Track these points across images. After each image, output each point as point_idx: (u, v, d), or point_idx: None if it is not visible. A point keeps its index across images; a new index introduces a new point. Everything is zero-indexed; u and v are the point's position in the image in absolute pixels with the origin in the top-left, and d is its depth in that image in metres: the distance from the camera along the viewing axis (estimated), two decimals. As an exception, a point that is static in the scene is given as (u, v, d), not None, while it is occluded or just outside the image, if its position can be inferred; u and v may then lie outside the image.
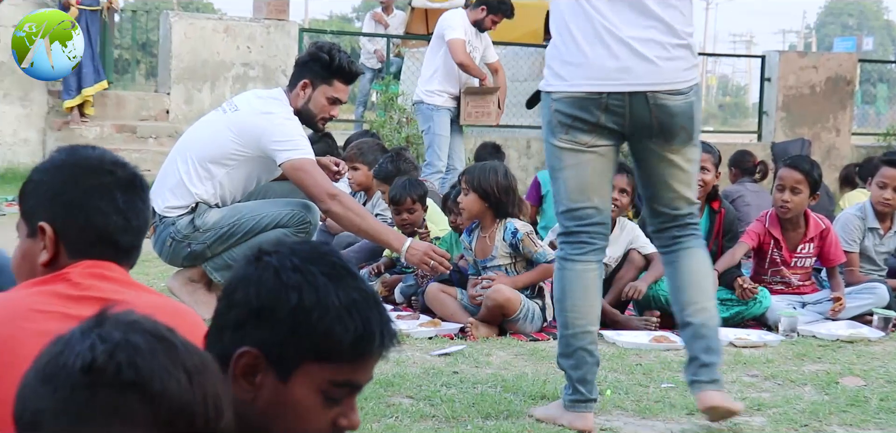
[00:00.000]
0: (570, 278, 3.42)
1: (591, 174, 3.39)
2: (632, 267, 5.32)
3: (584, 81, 3.31)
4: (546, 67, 3.42)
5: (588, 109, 3.33)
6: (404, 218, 5.73)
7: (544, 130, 3.43)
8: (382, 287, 5.68)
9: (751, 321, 5.31)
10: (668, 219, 3.50)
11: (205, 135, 4.95)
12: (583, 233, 3.42)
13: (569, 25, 3.35)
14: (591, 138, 3.36)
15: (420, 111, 8.75)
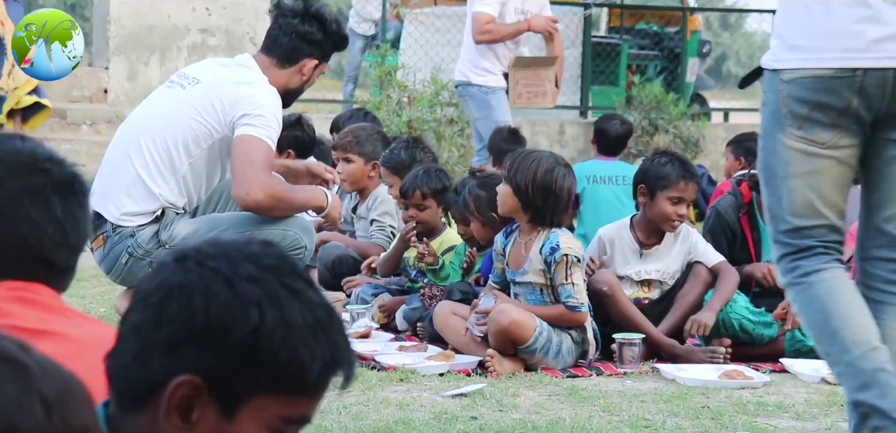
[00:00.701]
0: (823, 292, 3.21)
1: (828, 186, 3.22)
2: (697, 283, 5.33)
3: (834, 55, 3.15)
4: (774, 36, 3.28)
5: (836, 92, 3.15)
6: (411, 214, 5.77)
7: (765, 120, 3.28)
8: (380, 312, 5.71)
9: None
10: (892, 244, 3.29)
11: (160, 116, 4.99)
12: (817, 247, 3.24)
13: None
14: (832, 136, 3.19)
15: (470, 95, 8.68)
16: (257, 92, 4.96)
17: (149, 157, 4.94)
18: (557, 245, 4.91)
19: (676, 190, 5.25)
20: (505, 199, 4.99)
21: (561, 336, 4.95)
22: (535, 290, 5.00)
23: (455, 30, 13.23)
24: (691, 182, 5.31)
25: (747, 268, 5.32)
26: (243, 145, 4.95)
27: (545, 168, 4.93)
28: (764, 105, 3.28)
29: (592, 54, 13.89)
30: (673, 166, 5.29)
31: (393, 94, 11.44)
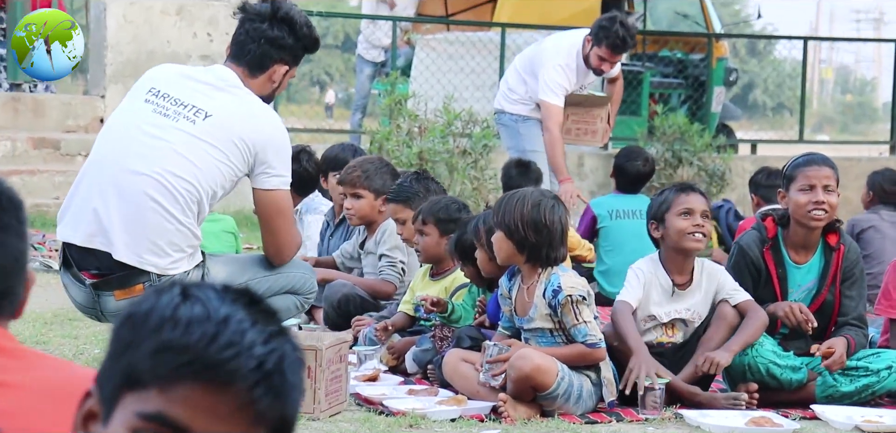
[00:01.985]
0: None
1: None
2: (722, 325, 5.31)
3: None
4: None
5: None
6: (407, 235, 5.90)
7: None
8: (389, 354, 5.71)
9: (885, 398, 5.30)
10: None
11: (182, 157, 4.83)
12: None
13: None
14: None
15: (502, 123, 9.06)
16: (273, 130, 4.94)
17: (182, 200, 4.84)
18: (559, 286, 4.91)
19: (680, 203, 5.26)
20: (500, 245, 5.02)
21: (581, 379, 4.94)
22: (545, 334, 5.00)
23: (468, 57, 13.28)
24: (692, 192, 5.36)
25: (770, 307, 5.30)
26: (277, 202, 4.96)
27: (532, 203, 4.97)
28: None
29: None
30: (669, 190, 5.40)
31: (403, 123, 11.44)
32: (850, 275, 5.43)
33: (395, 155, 10.88)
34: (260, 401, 1.50)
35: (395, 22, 13.63)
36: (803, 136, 15.45)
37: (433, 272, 5.99)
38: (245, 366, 1.50)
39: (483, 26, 14.28)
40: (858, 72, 68.48)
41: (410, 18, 14.48)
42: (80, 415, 1.55)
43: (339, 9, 42.40)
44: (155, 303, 1.54)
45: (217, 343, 1.50)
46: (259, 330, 1.53)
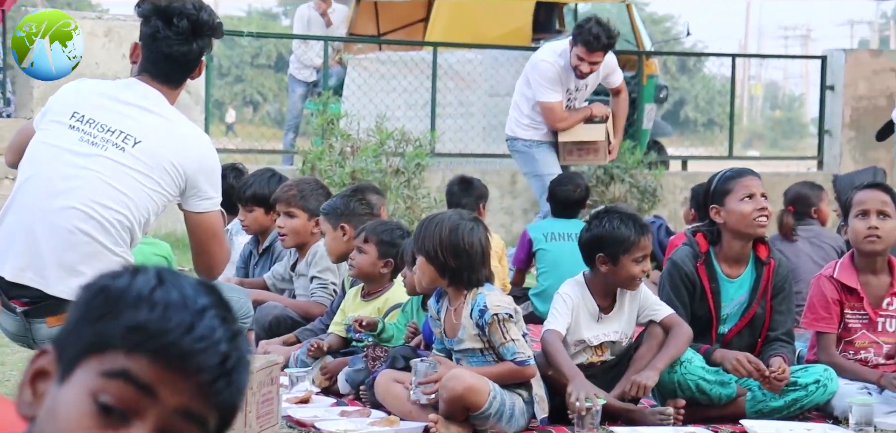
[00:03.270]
0: None
1: None
2: (654, 344, 5.34)
3: None
4: None
5: None
6: (352, 255, 5.89)
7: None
8: (321, 375, 5.69)
9: (813, 411, 5.35)
10: None
11: (109, 186, 4.72)
12: None
13: None
14: None
15: (515, 150, 9.23)
16: (203, 153, 4.86)
17: (113, 231, 4.73)
18: (485, 306, 4.91)
19: (639, 249, 5.24)
20: (422, 270, 5.04)
21: (513, 398, 4.95)
22: (476, 354, 5.00)
23: (401, 76, 13.29)
24: (647, 235, 5.33)
25: (716, 355, 5.32)
26: (209, 225, 4.88)
27: (449, 228, 4.98)
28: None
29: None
30: (628, 226, 5.26)
31: (335, 143, 11.42)
32: (781, 289, 5.50)
33: (327, 174, 10.85)
34: (219, 392, 1.62)
35: (327, 41, 13.60)
36: (733, 151, 15.59)
37: (365, 292, 5.98)
38: (212, 360, 1.62)
39: (415, 45, 14.31)
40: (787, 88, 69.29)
41: (342, 38, 14.47)
42: (29, 370, 1.63)
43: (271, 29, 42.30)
44: (131, 280, 1.64)
45: (192, 334, 1.61)
46: (226, 328, 1.65)
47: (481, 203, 8.07)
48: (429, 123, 13.08)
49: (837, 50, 14.64)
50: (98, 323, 1.62)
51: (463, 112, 13.61)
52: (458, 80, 13.58)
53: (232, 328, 1.65)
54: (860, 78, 14.01)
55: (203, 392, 1.61)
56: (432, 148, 12.21)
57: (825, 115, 14.48)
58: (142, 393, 1.59)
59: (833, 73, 14.30)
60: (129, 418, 1.59)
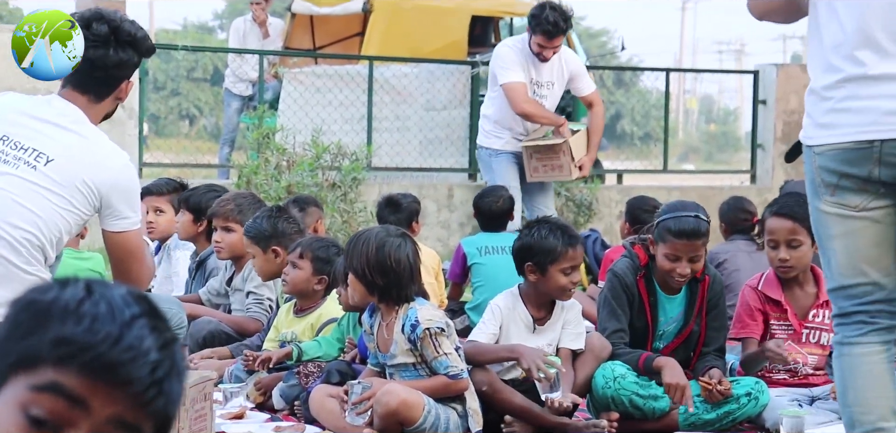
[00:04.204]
0: (849, 366, 3.72)
1: (865, 244, 3.69)
2: (588, 359, 5.37)
3: (853, 129, 3.62)
4: (806, 115, 3.76)
5: (858, 163, 3.64)
6: (285, 270, 5.83)
7: (808, 192, 3.77)
8: (256, 390, 5.66)
9: (745, 424, 5.39)
10: None
11: (20, 204, 4.66)
12: (861, 313, 3.72)
13: (832, 63, 3.67)
14: (862, 200, 3.68)
15: (480, 158, 9.23)
16: (118, 172, 4.78)
17: (25, 251, 4.66)
18: (417, 320, 4.92)
19: (567, 259, 5.27)
20: (353, 287, 5.06)
21: (448, 412, 4.95)
22: (409, 369, 5.00)
23: (336, 90, 13.27)
24: (578, 246, 5.34)
25: (657, 361, 5.32)
26: (126, 245, 4.83)
27: (376, 245, 4.98)
28: (806, 177, 3.78)
29: (481, 114, 13.95)
30: (557, 236, 5.29)
31: (271, 157, 11.40)
32: (715, 305, 5.53)
33: (263, 189, 10.82)
34: (150, 402, 1.62)
35: (263, 55, 13.56)
36: (668, 165, 15.69)
37: (298, 308, 5.97)
38: (141, 370, 1.62)
39: (351, 59, 14.29)
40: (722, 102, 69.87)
41: (278, 52, 14.42)
42: None
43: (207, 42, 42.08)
44: (58, 293, 1.63)
45: (119, 345, 1.61)
46: (157, 337, 1.64)
47: (413, 220, 8.04)
48: (365, 137, 13.07)
49: (769, 64, 14.78)
50: (26, 338, 1.61)
51: (399, 126, 13.61)
52: (395, 94, 13.57)
53: (163, 337, 1.65)
54: (792, 92, 14.14)
55: (135, 401, 1.61)
56: (369, 162, 12.20)
57: (758, 129, 14.61)
58: (73, 405, 1.59)
59: (765, 87, 14.43)
60: (62, 430, 1.59)
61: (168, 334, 1.67)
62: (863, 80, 3.63)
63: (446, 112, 13.79)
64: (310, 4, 14.82)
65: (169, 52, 13.05)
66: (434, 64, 13.76)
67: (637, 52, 47.69)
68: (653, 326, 5.48)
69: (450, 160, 13.89)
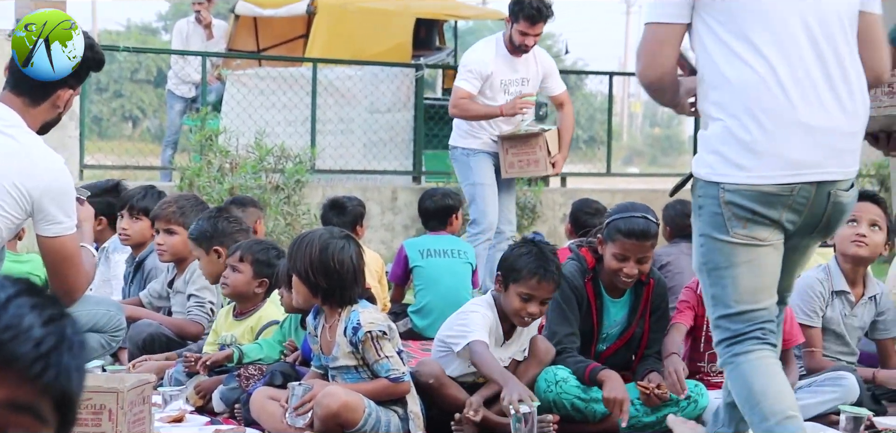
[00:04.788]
0: (748, 370, 3.90)
1: (768, 271, 3.93)
2: (534, 362, 5.38)
3: (772, 172, 3.82)
4: (711, 152, 3.89)
5: (773, 205, 3.85)
6: (225, 274, 5.79)
7: (703, 222, 3.92)
8: (196, 394, 5.62)
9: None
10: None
11: None
12: (755, 332, 3.93)
13: (751, 107, 3.81)
14: (769, 233, 3.90)
15: (454, 158, 9.14)
16: (51, 178, 4.73)
17: None
18: (358, 323, 4.91)
19: (527, 286, 5.19)
20: (297, 289, 5.05)
21: (389, 415, 4.94)
22: (350, 371, 4.99)
23: (280, 92, 13.23)
24: (546, 281, 5.20)
25: (600, 375, 5.34)
26: (60, 250, 4.78)
27: (319, 247, 4.97)
28: (700, 208, 3.92)
29: (426, 117, 14.00)
30: (529, 259, 5.22)
31: (214, 159, 11.34)
32: (658, 307, 5.56)
33: (206, 191, 10.76)
34: (39, 377, 1.59)
35: (205, 57, 13.48)
36: (611, 169, 15.74)
37: (238, 311, 5.94)
38: (23, 347, 1.59)
39: (295, 61, 14.24)
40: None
41: (221, 54, 14.35)
42: None
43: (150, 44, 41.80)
44: None
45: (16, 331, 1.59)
46: (38, 313, 1.62)
47: (357, 223, 8.03)
48: (309, 140, 13.04)
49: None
50: None
51: (343, 128, 13.59)
52: (339, 96, 13.55)
53: (46, 313, 1.63)
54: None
55: (23, 380, 1.59)
56: (312, 164, 12.17)
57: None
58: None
59: (708, 91, 14.49)
60: None
61: (53, 310, 1.65)
62: (777, 126, 3.82)
63: (390, 114, 13.79)
64: (253, 6, 14.77)
65: (112, 53, 12.93)
66: (378, 66, 13.76)
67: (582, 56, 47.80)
68: (597, 329, 5.50)
69: (394, 163, 13.88)
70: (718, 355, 4.03)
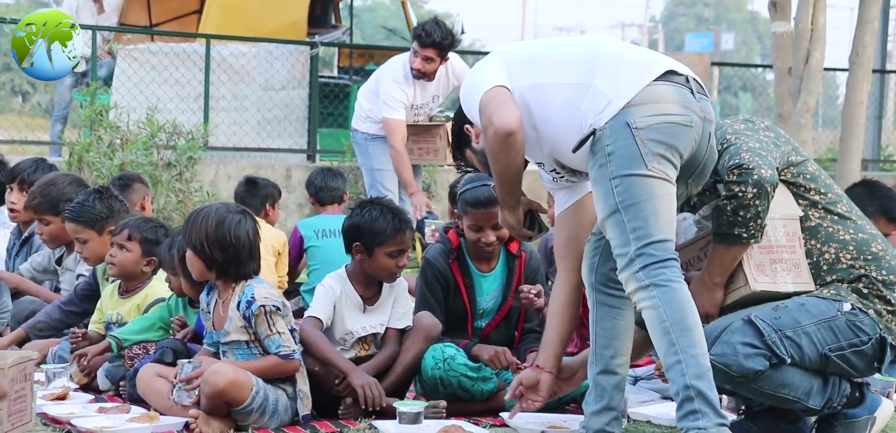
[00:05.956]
0: (682, 296, 4.15)
1: (673, 210, 4.25)
2: (417, 339, 5.39)
3: (678, 108, 4.23)
4: (615, 96, 4.22)
5: (679, 137, 4.22)
6: (112, 253, 5.77)
7: (620, 162, 4.17)
8: (80, 371, 5.56)
9: (571, 404, 5.47)
10: None
11: None
12: (674, 260, 4.18)
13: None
14: (674, 173, 4.23)
15: (354, 141, 9.34)
16: None
17: None
18: (253, 297, 4.92)
19: (394, 243, 5.31)
20: (191, 263, 5.03)
21: (277, 393, 4.94)
22: (242, 347, 4.98)
23: (172, 67, 13.10)
24: (407, 231, 5.37)
25: (474, 349, 5.44)
26: None
27: (216, 221, 4.97)
28: (610, 155, 4.18)
29: (321, 95, 13.97)
30: (386, 219, 5.32)
31: (104, 135, 11.20)
32: (534, 281, 5.64)
33: (96, 167, 10.64)
34: None
35: (95, 31, 13.30)
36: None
37: (123, 290, 5.89)
38: None
39: (188, 37, 14.11)
40: (562, 87, 70.52)
41: (112, 28, 14.17)
42: None
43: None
44: None
45: None
46: None
47: (268, 203, 8.06)
48: (202, 116, 12.95)
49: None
50: None
51: (237, 106, 13.52)
52: (232, 73, 13.47)
53: None
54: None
55: None
56: (205, 141, 12.08)
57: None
58: None
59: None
60: None
61: None
62: None
63: (285, 92, 13.73)
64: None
65: (1, 26, 12.74)
66: (273, 44, 13.69)
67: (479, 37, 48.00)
68: (471, 307, 5.55)
69: (288, 141, 13.83)
70: (639, 281, 4.17)
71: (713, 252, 4.52)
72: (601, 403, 4.54)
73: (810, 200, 4.61)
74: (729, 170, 4.42)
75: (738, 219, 4.40)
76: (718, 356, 4.35)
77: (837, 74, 16.36)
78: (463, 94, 4.54)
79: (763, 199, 4.39)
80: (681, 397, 4.11)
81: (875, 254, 4.55)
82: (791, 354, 4.40)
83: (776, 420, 4.78)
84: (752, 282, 4.49)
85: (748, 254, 4.49)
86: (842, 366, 4.50)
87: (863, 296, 4.51)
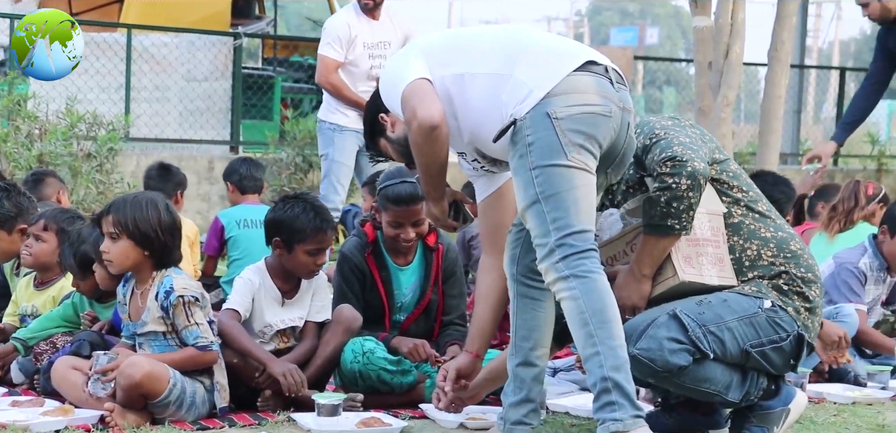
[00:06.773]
0: (602, 288, 4.16)
1: (593, 201, 4.25)
2: (337, 332, 5.37)
3: (597, 99, 4.25)
4: (536, 88, 4.23)
5: (600, 128, 4.24)
6: (28, 244, 5.71)
7: (540, 152, 4.18)
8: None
9: (490, 396, 5.47)
10: None
11: None
12: (594, 251, 4.19)
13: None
14: (594, 163, 4.24)
15: (319, 131, 9.20)
16: None
17: None
18: (171, 287, 4.89)
19: (314, 241, 5.27)
20: (127, 253, 4.92)
21: (194, 385, 4.91)
22: (159, 338, 4.94)
23: (93, 57, 12.97)
24: (328, 231, 5.32)
25: (394, 341, 5.45)
26: None
27: (164, 207, 4.96)
28: (531, 145, 4.19)
29: (244, 87, 13.90)
30: (308, 216, 5.27)
31: (22, 125, 11.05)
32: (451, 274, 5.67)
33: (13, 157, 10.51)
34: None
35: (13, 19, 13.13)
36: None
37: (39, 282, 5.82)
38: None
39: (109, 27, 13.97)
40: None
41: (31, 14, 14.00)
42: None
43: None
44: None
45: None
46: None
47: (179, 190, 7.98)
48: (123, 107, 12.83)
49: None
50: None
51: (159, 96, 13.42)
52: (154, 63, 13.37)
53: None
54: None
55: None
56: (126, 132, 11.97)
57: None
58: None
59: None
60: None
61: None
62: None
63: (208, 83, 13.65)
64: (65, -34, 14.45)
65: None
66: (195, 34, 13.60)
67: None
68: (388, 300, 5.55)
69: (211, 132, 13.75)
70: (559, 271, 4.16)
71: (643, 243, 4.54)
72: (520, 395, 4.54)
73: (733, 198, 4.65)
74: (661, 162, 4.44)
75: (671, 210, 4.42)
76: (644, 351, 4.38)
77: (759, 69, 16.55)
78: (383, 87, 4.53)
79: (696, 190, 4.42)
80: (598, 389, 4.12)
81: (794, 252, 4.61)
82: (714, 349, 4.45)
83: (692, 412, 4.83)
84: (681, 272, 4.53)
85: (676, 246, 4.53)
86: (761, 363, 4.55)
87: (783, 292, 4.56)
